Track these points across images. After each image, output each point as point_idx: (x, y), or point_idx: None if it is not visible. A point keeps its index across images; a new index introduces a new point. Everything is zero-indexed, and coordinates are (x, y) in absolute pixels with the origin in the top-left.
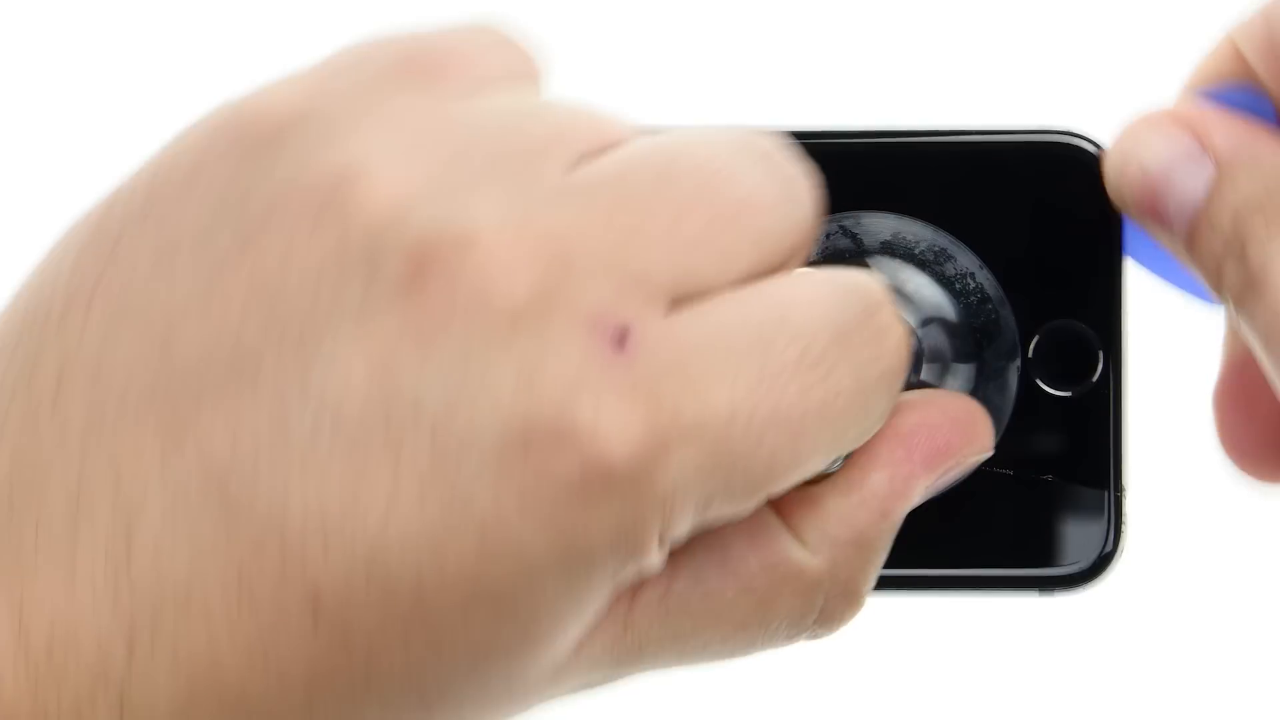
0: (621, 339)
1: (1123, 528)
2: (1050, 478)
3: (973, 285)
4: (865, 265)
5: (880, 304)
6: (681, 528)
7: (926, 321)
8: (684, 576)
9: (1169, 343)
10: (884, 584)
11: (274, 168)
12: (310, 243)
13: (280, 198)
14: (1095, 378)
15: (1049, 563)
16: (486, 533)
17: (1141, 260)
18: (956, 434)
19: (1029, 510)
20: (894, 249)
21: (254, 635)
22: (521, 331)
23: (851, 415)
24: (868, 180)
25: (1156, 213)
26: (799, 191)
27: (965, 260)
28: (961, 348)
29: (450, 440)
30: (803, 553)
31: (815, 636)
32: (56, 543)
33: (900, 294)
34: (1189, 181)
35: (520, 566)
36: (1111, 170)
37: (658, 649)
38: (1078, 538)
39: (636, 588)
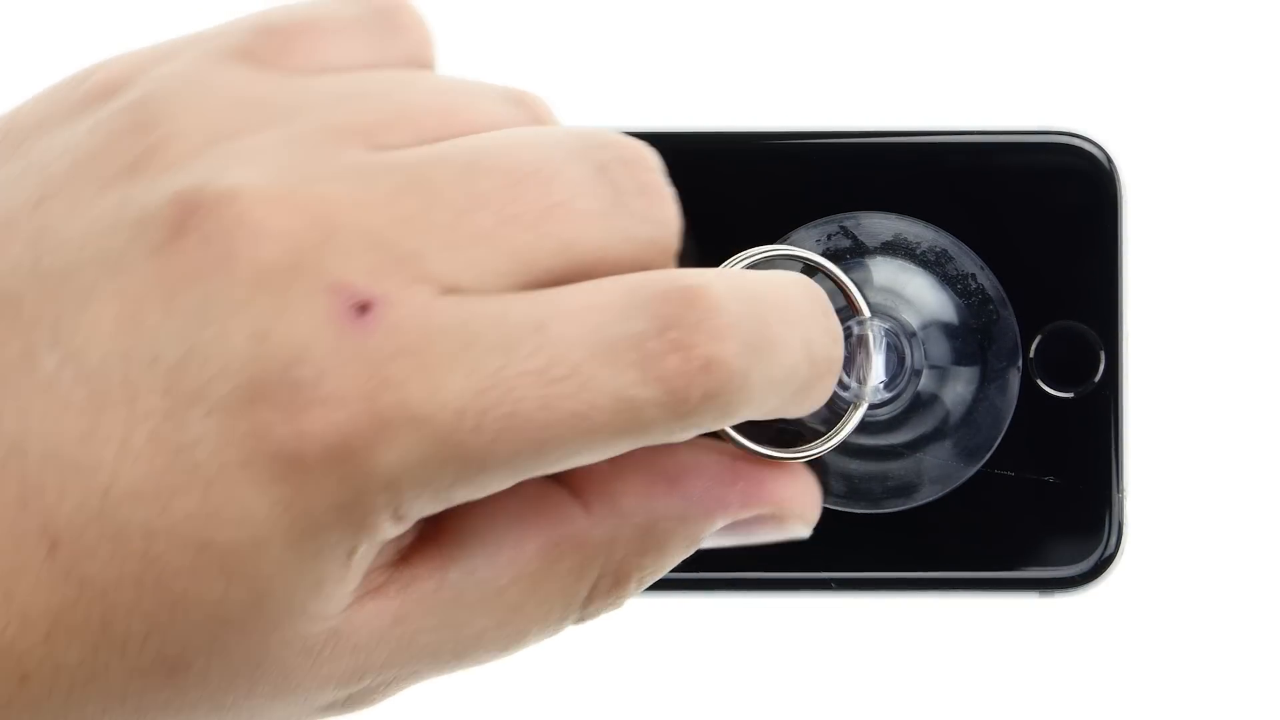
0: (363, 311)
1: (1123, 529)
2: (1051, 479)
3: (974, 286)
4: (863, 264)
5: (680, 320)
6: (420, 507)
7: (927, 323)
8: (458, 567)
9: (1170, 343)
10: (885, 585)
11: (86, 131)
12: (95, 199)
13: (84, 157)
14: (1096, 379)
15: (1050, 564)
16: (211, 490)
17: None
18: (786, 519)
19: (1030, 511)
20: (895, 249)
21: None
22: (263, 292)
23: (616, 429)
24: (869, 180)
25: None
26: (641, 207)
27: (966, 261)
28: (963, 349)
29: (181, 395)
30: (586, 520)
31: (583, 619)
32: None
33: (900, 295)
34: None
35: (244, 528)
36: None
37: (431, 639)
38: (1078, 539)
39: (408, 580)
